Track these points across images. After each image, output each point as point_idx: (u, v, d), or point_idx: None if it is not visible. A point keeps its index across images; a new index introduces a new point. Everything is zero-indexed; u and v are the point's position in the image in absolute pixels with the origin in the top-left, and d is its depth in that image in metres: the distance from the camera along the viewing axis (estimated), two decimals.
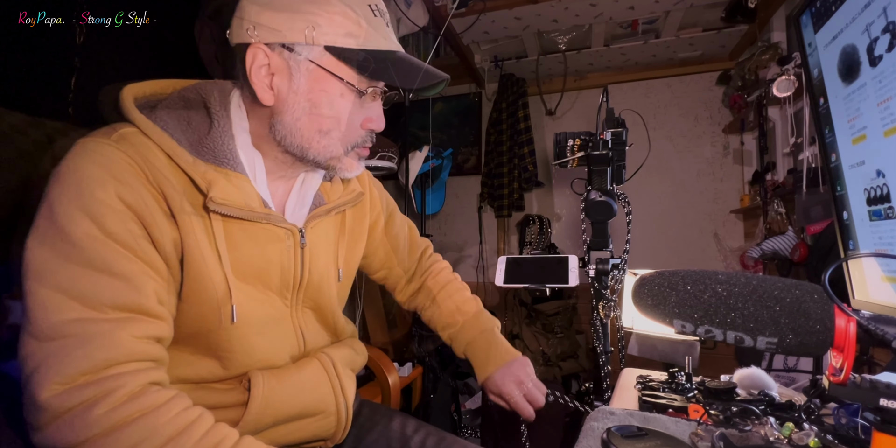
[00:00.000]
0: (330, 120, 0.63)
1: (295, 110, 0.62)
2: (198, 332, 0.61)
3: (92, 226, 0.51)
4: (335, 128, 0.64)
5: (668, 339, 1.06)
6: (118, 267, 0.52)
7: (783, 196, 2.06)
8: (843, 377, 0.40)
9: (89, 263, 0.51)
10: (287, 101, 0.62)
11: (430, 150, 2.38)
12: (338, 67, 0.61)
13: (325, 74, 0.61)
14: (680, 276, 0.52)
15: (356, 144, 0.67)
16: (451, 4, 2.19)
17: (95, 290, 0.51)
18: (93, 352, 0.49)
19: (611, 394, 0.83)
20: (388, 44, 0.63)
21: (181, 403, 0.52)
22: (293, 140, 0.63)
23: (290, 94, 0.61)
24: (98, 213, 0.52)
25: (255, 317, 0.64)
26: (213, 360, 0.63)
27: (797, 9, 0.70)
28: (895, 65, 0.51)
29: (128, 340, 0.51)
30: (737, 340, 0.47)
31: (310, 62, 0.60)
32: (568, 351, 2.48)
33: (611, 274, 1.03)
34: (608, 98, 1.14)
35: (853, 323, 0.42)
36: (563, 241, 3.05)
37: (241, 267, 0.63)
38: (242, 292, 0.63)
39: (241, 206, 0.60)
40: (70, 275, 0.50)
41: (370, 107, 0.66)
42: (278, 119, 0.63)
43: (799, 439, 0.55)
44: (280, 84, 0.61)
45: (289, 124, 0.62)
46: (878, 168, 0.56)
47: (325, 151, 0.65)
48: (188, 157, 0.58)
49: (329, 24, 0.59)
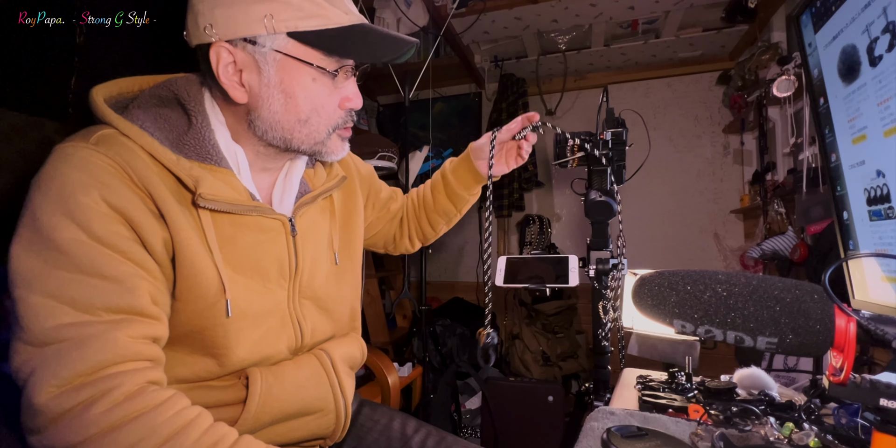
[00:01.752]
0: (307, 107, 0.62)
1: (271, 104, 0.61)
2: (193, 330, 0.60)
3: (78, 231, 0.51)
4: (314, 114, 0.63)
5: (668, 339, 1.06)
6: (108, 270, 0.51)
7: (783, 196, 2.06)
8: (843, 377, 0.40)
9: (78, 268, 0.50)
10: (261, 95, 0.61)
11: (430, 150, 2.38)
12: (304, 52, 0.60)
13: (293, 62, 0.60)
14: (680, 276, 0.52)
15: (337, 126, 0.66)
16: (451, 4, 2.19)
17: (87, 293, 0.50)
18: (88, 353, 0.48)
19: (611, 394, 0.83)
20: (351, 18, 0.61)
21: (179, 402, 0.52)
22: (275, 133, 0.63)
23: (263, 88, 0.60)
24: (83, 217, 0.51)
25: (251, 310, 0.63)
26: (210, 358, 0.62)
27: (797, 9, 0.70)
28: (895, 65, 0.51)
29: (123, 341, 0.50)
30: (737, 340, 0.47)
31: (276, 52, 0.59)
32: (568, 351, 2.48)
33: (610, 274, 1.03)
34: (608, 98, 1.14)
35: (853, 323, 0.42)
36: (563, 241, 3.05)
37: (237, 260, 0.62)
38: (239, 285, 0.62)
39: (230, 200, 0.59)
40: (60, 281, 0.49)
41: (345, 86, 0.65)
42: (256, 115, 0.62)
43: (799, 439, 0.55)
44: (250, 79, 0.60)
45: (267, 119, 0.62)
46: (878, 168, 0.56)
47: (309, 139, 0.64)
48: (171, 156, 0.57)
49: (285, 10, 0.57)
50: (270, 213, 0.64)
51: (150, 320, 0.54)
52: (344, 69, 0.63)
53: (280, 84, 0.60)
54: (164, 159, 0.57)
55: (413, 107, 2.62)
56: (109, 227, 0.52)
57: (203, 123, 0.61)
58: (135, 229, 0.54)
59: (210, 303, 0.59)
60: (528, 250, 2.70)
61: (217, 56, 0.58)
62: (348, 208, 0.81)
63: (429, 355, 1.92)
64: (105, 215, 0.52)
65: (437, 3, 2.21)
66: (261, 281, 0.65)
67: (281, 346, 0.68)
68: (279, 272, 0.67)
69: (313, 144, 0.65)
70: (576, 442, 0.59)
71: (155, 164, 0.57)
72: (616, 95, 2.96)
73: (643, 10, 2.34)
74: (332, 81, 0.63)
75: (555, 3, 2.26)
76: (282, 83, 0.60)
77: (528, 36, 2.66)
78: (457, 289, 3.15)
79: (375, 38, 0.63)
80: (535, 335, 2.47)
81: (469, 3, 2.25)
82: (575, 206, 3.06)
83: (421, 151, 2.32)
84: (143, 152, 0.56)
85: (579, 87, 3.05)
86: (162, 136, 0.59)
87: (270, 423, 0.66)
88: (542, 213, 2.89)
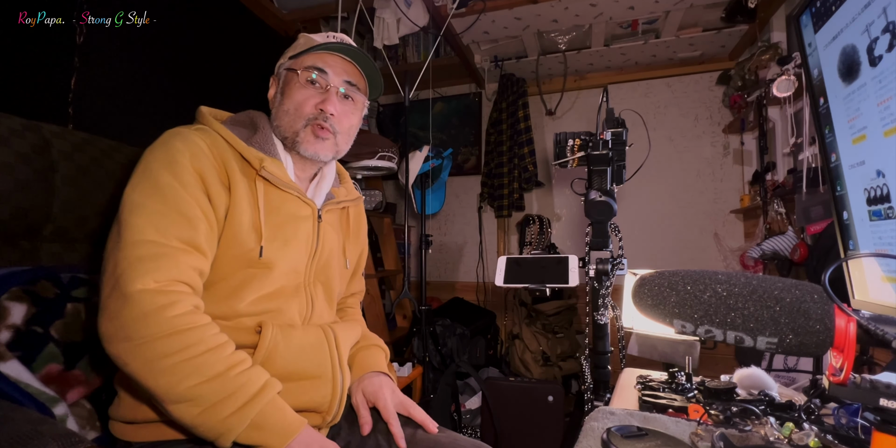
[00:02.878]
0: (291, 104, 0.84)
1: (279, 103, 0.86)
2: (226, 274, 0.76)
3: (172, 178, 0.71)
4: (293, 107, 0.84)
5: (668, 339, 1.06)
6: (185, 209, 0.70)
7: (783, 196, 2.06)
8: (843, 377, 0.40)
9: (165, 201, 0.69)
10: (274, 100, 0.88)
11: (430, 150, 2.37)
12: (293, 64, 0.85)
13: (289, 73, 0.85)
14: (680, 276, 0.52)
15: (309, 118, 0.84)
16: (451, 4, 2.19)
17: (167, 223, 0.68)
18: (163, 266, 0.66)
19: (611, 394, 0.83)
20: (328, 39, 0.86)
21: (216, 327, 0.69)
22: (277, 123, 0.85)
23: (276, 95, 0.88)
24: (178, 170, 0.72)
25: (277, 262, 0.78)
26: (235, 300, 0.75)
27: (797, 9, 0.70)
28: (895, 65, 0.51)
29: (183, 265, 0.68)
30: (737, 340, 0.47)
31: (283, 70, 0.87)
32: (568, 351, 2.48)
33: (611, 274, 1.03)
34: (608, 98, 1.14)
35: (853, 323, 0.42)
36: (563, 241, 3.05)
37: (277, 225, 0.80)
38: (273, 242, 0.78)
39: (281, 177, 0.80)
40: (153, 210, 0.68)
41: (325, 94, 0.85)
42: (273, 114, 0.87)
43: (799, 439, 0.55)
44: (275, 91, 0.89)
45: (275, 114, 0.86)
46: (878, 168, 0.56)
47: (290, 127, 0.84)
48: (244, 145, 0.79)
49: (298, 47, 0.87)
50: (305, 196, 0.84)
51: (202, 256, 0.71)
52: (319, 76, 0.84)
53: (282, 89, 0.86)
54: (239, 147, 0.79)
55: (413, 107, 2.62)
56: (192, 181, 0.72)
57: (266, 131, 0.85)
58: (207, 188, 0.74)
59: (248, 248, 0.76)
60: (528, 250, 2.70)
61: (271, 81, 0.91)
62: (357, 229, 1.00)
63: (429, 355, 1.92)
64: (191, 173, 0.73)
65: (437, 3, 2.21)
66: (290, 247, 0.81)
67: (293, 310, 0.81)
68: (304, 246, 0.83)
69: (293, 133, 0.84)
70: (576, 442, 0.59)
71: (231, 149, 0.79)
72: (616, 95, 2.96)
73: (643, 10, 2.34)
74: (313, 87, 0.84)
75: (555, 3, 2.26)
76: (283, 88, 0.86)
77: (528, 36, 2.66)
78: (457, 289, 3.15)
79: (333, 47, 0.85)
80: (535, 335, 2.47)
81: (469, 3, 2.25)
82: (575, 206, 3.05)
83: (421, 151, 2.32)
84: (224, 142, 0.79)
85: (579, 87, 3.05)
86: (238, 134, 0.81)
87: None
88: (542, 213, 2.89)
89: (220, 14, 2.05)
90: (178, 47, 1.82)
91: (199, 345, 0.64)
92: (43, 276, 0.85)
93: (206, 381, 0.63)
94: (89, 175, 0.99)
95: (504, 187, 2.94)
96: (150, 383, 0.63)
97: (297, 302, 0.82)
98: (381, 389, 0.87)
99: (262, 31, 2.30)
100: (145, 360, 0.62)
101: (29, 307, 0.79)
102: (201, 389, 0.63)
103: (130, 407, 0.73)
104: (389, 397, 0.86)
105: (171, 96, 1.78)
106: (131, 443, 0.74)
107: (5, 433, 0.58)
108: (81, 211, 0.99)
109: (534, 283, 1.04)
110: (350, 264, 0.96)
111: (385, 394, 0.86)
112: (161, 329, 0.63)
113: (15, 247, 0.92)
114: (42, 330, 0.80)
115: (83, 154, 0.99)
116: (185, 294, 0.67)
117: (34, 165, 0.90)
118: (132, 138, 1.19)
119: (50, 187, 0.93)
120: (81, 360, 0.84)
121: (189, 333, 0.64)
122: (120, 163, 1.06)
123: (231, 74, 2.08)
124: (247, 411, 0.64)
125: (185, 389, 0.62)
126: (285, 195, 0.82)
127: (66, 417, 0.78)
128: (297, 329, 0.79)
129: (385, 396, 0.86)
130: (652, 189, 2.84)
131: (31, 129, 0.91)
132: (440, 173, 2.60)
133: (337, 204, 0.91)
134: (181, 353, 0.63)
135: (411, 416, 0.85)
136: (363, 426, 0.84)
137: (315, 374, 0.78)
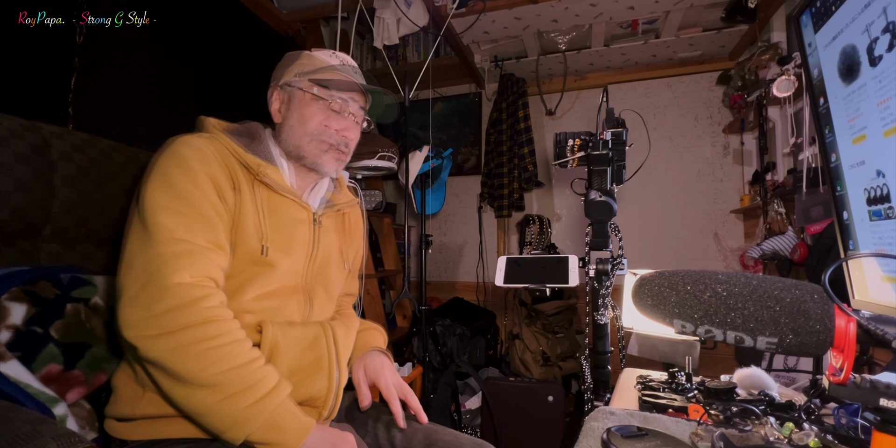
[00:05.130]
0: (312, 125, 0.89)
1: (291, 122, 0.90)
2: (235, 272, 0.79)
3: (189, 182, 0.75)
4: (312, 127, 0.89)
5: (668, 339, 1.06)
6: (204, 210, 0.74)
7: (783, 196, 2.06)
8: (843, 377, 0.40)
9: (186, 204, 0.73)
10: (285, 117, 0.91)
11: (430, 150, 2.37)
12: (309, 87, 0.89)
13: (305, 94, 0.89)
14: (680, 276, 0.52)
15: (327, 140, 0.89)
16: (451, 4, 2.19)
17: (191, 223, 0.73)
18: (196, 262, 0.70)
19: (611, 394, 0.83)
20: (333, 60, 0.92)
21: (238, 322, 0.73)
22: (290, 142, 0.89)
23: (287, 112, 0.91)
24: (193, 174, 0.76)
25: (278, 261, 0.82)
26: (240, 296, 0.78)
27: (797, 9, 0.70)
28: (895, 65, 0.51)
29: (211, 263, 0.72)
30: (737, 340, 0.47)
31: (295, 89, 0.90)
32: (568, 351, 2.48)
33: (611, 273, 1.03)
34: (608, 98, 1.14)
35: (853, 323, 0.42)
36: (563, 241, 3.05)
37: (277, 226, 0.84)
38: (274, 242, 0.82)
39: (279, 182, 0.85)
40: (176, 210, 0.72)
41: (343, 119, 0.91)
42: (280, 129, 0.91)
43: (799, 439, 0.55)
44: (283, 108, 0.92)
45: (286, 132, 0.90)
46: (878, 168, 0.56)
47: (299, 142, 0.88)
48: (243, 152, 0.83)
49: (305, 66, 0.91)
50: (302, 201, 0.88)
51: (224, 254, 0.76)
52: (339, 102, 0.90)
53: (294, 106, 0.90)
54: (239, 154, 0.83)
55: (413, 107, 2.62)
56: (206, 185, 0.76)
57: (264, 140, 0.89)
58: (218, 191, 0.78)
59: (253, 248, 0.80)
60: (528, 250, 2.70)
61: (270, 94, 0.93)
62: (354, 232, 1.05)
63: (429, 355, 1.92)
64: (205, 176, 0.77)
65: (437, 3, 2.20)
66: (289, 247, 0.85)
67: (293, 309, 0.84)
68: (302, 248, 0.87)
69: (314, 156, 0.89)
70: (576, 442, 0.59)
71: (233, 156, 0.83)
72: (616, 95, 2.96)
73: (643, 10, 2.34)
74: (329, 110, 0.89)
75: (555, 3, 2.26)
76: (295, 105, 0.90)
77: (528, 36, 2.66)
78: (457, 289, 3.15)
79: (348, 71, 0.91)
80: (535, 335, 2.46)
81: (469, 3, 2.25)
82: (575, 206, 3.05)
83: (421, 151, 2.32)
84: (226, 149, 0.83)
85: (579, 87, 3.05)
86: (238, 143, 0.85)
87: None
88: (542, 213, 2.89)
89: (220, 14, 2.05)
90: (177, 47, 1.82)
91: (227, 335, 0.69)
92: (43, 276, 0.84)
93: (231, 369, 0.67)
94: (89, 175, 0.99)
95: (504, 187, 2.94)
96: (178, 367, 0.65)
97: (296, 301, 0.85)
98: (382, 369, 0.93)
99: (261, 31, 2.30)
100: (176, 346, 0.66)
101: (29, 307, 0.79)
102: (226, 376, 0.66)
103: (126, 403, 0.74)
104: (390, 377, 0.92)
105: (172, 96, 1.78)
106: (126, 441, 0.75)
107: (5, 433, 0.58)
108: (81, 211, 0.98)
109: (534, 283, 1.04)
110: (348, 265, 1.00)
111: (386, 373, 0.92)
112: (196, 318, 0.67)
113: (14, 247, 0.92)
114: (42, 330, 0.80)
115: (83, 154, 0.99)
116: (215, 289, 0.72)
117: (34, 166, 0.90)
118: (132, 139, 1.19)
119: (49, 188, 0.92)
120: (81, 361, 0.84)
121: (219, 324, 0.69)
122: (120, 163, 1.06)
123: (231, 74, 2.08)
124: (265, 404, 0.67)
125: (211, 375, 0.65)
126: (283, 199, 0.86)
127: (66, 417, 0.78)
128: (297, 326, 0.82)
129: (386, 376, 0.92)
130: (652, 189, 2.84)
131: (31, 130, 0.91)
132: (440, 173, 2.60)
133: (333, 207, 0.96)
134: (211, 340, 0.67)
135: (407, 401, 0.91)
136: (362, 401, 0.91)
137: (311, 367, 0.81)
